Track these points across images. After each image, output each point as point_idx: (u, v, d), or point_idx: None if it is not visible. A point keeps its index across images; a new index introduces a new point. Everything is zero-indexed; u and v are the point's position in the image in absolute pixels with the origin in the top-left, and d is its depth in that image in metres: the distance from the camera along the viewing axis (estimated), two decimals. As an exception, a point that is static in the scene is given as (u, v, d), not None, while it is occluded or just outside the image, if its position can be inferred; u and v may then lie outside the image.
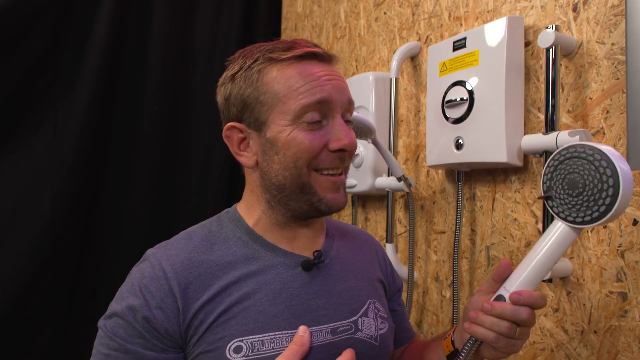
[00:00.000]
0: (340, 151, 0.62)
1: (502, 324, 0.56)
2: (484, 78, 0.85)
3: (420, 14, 1.11)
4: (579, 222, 0.53)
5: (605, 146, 0.51)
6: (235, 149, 0.65)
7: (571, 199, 0.53)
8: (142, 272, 0.61)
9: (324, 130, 0.62)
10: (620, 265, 0.70)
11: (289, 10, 1.75)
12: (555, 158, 0.55)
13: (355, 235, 0.78)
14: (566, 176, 0.54)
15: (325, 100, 0.61)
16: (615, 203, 0.49)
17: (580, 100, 0.76)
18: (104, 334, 0.59)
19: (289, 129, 0.61)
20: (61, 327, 1.30)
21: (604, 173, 0.50)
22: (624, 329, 0.69)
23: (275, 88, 0.61)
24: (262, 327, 0.58)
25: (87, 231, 1.36)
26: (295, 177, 0.61)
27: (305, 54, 0.62)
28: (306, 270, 0.64)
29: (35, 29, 1.29)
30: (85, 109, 1.34)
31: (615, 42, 0.72)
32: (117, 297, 0.61)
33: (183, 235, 0.65)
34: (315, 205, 0.63)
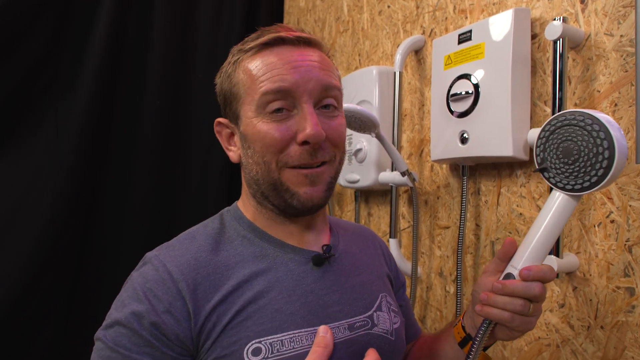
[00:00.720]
0: (306, 144, 0.57)
1: (516, 302, 0.54)
2: (490, 71, 0.84)
3: (425, 6, 1.10)
4: (578, 189, 0.53)
5: (596, 111, 0.52)
6: (225, 144, 0.65)
7: (567, 167, 0.53)
8: (145, 276, 0.56)
9: (293, 120, 0.58)
10: (628, 260, 0.69)
11: (291, 5, 1.74)
12: (546, 129, 0.55)
13: (358, 232, 0.76)
14: (560, 145, 0.54)
15: (287, 88, 0.57)
16: (612, 166, 0.50)
17: (587, 93, 0.75)
18: (104, 346, 0.54)
19: (255, 120, 0.58)
20: (61, 327, 1.30)
21: (598, 137, 0.50)
22: (631, 324, 0.69)
23: (243, 79, 0.59)
24: (280, 326, 0.55)
25: (87, 231, 1.36)
26: (266, 172, 0.59)
27: (272, 40, 0.59)
28: (317, 266, 0.62)
29: (35, 28, 1.28)
30: (85, 109, 1.33)
31: (624, 34, 0.71)
32: (116, 305, 0.57)
33: (185, 235, 0.62)
34: (289, 201, 0.59)
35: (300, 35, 0.60)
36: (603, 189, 0.56)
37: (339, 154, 0.62)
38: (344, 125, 0.63)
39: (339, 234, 0.70)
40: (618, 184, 0.71)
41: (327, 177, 0.60)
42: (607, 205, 0.72)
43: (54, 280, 1.28)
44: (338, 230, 0.71)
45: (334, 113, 0.61)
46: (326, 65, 0.61)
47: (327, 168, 0.60)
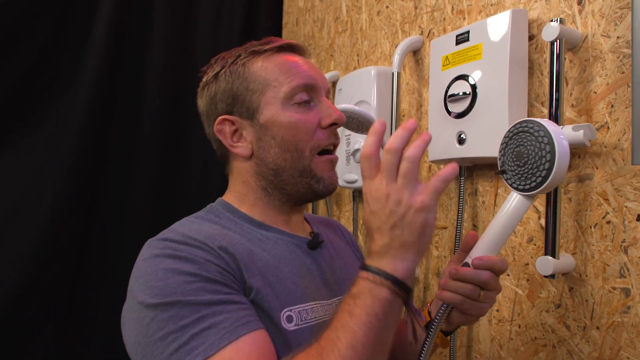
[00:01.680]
0: (333, 125, 0.66)
1: (466, 286, 0.61)
2: (487, 72, 0.84)
3: (423, 7, 1.10)
4: (527, 189, 0.59)
5: (548, 121, 0.58)
6: (229, 142, 0.67)
7: (519, 169, 0.60)
8: (175, 248, 0.55)
9: (314, 110, 0.66)
10: (624, 261, 0.70)
11: (290, 5, 1.74)
12: (506, 135, 0.62)
13: (326, 221, 0.84)
14: (515, 149, 0.61)
15: (312, 83, 0.66)
16: (553, 169, 0.56)
17: (584, 94, 0.76)
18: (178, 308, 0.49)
19: (281, 111, 0.64)
20: (61, 327, 1.30)
21: (542, 142, 0.57)
22: (627, 325, 0.69)
23: (264, 75, 0.65)
24: (301, 297, 0.61)
25: (87, 231, 1.36)
26: (296, 159, 0.64)
27: (285, 46, 0.68)
28: (311, 249, 0.68)
29: (35, 28, 1.28)
30: (85, 109, 1.33)
31: (620, 36, 0.71)
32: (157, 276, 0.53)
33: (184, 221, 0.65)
34: (314, 187, 0.65)
35: (302, 45, 0.71)
36: (549, 190, 0.62)
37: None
38: None
39: (314, 224, 0.77)
40: (614, 185, 0.71)
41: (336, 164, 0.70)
42: (604, 206, 0.72)
43: (54, 280, 1.28)
44: (312, 221, 0.78)
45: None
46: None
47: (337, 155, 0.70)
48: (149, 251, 0.57)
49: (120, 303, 0.61)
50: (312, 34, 1.59)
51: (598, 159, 0.73)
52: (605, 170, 0.72)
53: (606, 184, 0.72)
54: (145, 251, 0.58)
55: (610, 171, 0.71)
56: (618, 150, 0.71)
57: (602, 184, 0.73)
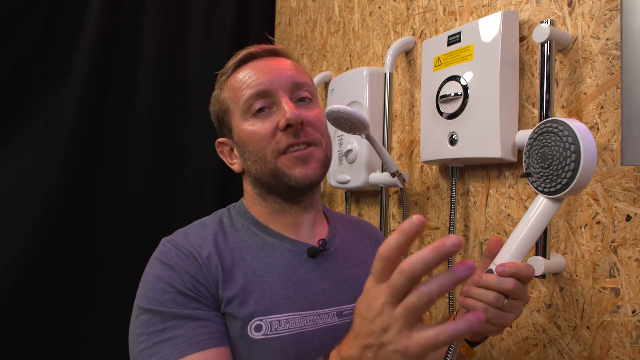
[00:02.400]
0: (289, 127, 0.66)
1: (490, 294, 0.58)
2: (479, 73, 0.85)
3: (415, 8, 1.10)
4: (552, 191, 0.57)
5: (573, 120, 0.55)
6: (228, 161, 0.74)
7: (544, 171, 0.58)
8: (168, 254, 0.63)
9: (272, 115, 0.67)
10: (613, 261, 0.70)
11: (282, 5, 1.74)
12: (531, 136, 0.60)
13: (357, 225, 0.83)
14: (539, 150, 0.58)
15: (264, 89, 0.67)
16: (579, 170, 0.53)
17: (574, 95, 0.76)
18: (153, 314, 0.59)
19: (244, 125, 0.68)
20: (53, 329, 1.28)
21: (567, 142, 0.54)
22: (617, 324, 0.69)
23: (228, 94, 0.70)
24: (278, 308, 0.63)
25: (79, 230, 1.34)
26: (263, 166, 0.67)
27: (244, 57, 0.70)
28: (311, 257, 0.69)
29: (24, 25, 1.26)
30: (75, 108, 1.32)
31: (610, 37, 0.71)
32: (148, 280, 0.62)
33: (197, 223, 0.71)
34: (287, 183, 0.67)
35: (267, 47, 0.71)
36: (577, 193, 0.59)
37: (325, 139, 0.70)
38: (322, 115, 0.72)
39: (337, 229, 0.77)
40: (604, 185, 0.71)
41: (318, 155, 0.68)
42: (594, 207, 0.73)
43: (44, 281, 1.26)
44: (337, 225, 0.78)
45: (309, 105, 0.70)
46: (296, 67, 0.71)
47: (315, 149, 0.68)
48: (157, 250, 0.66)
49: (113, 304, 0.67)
50: (305, 34, 1.59)
51: (588, 160, 0.74)
52: (595, 171, 0.73)
53: (596, 185, 0.73)
54: (156, 250, 0.66)
55: (600, 172, 0.72)
56: (608, 151, 0.71)
57: (592, 184, 0.73)
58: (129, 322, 0.62)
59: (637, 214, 0.67)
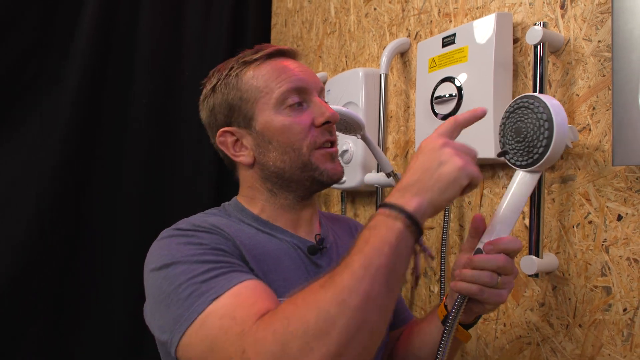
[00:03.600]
0: (326, 123, 0.68)
1: (483, 274, 0.58)
2: (473, 74, 0.86)
3: (410, 10, 1.11)
4: (527, 164, 0.59)
5: (545, 95, 0.58)
6: (231, 152, 0.71)
7: (518, 145, 0.60)
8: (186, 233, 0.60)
9: (307, 111, 0.69)
10: (605, 260, 0.71)
11: (279, 6, 1.75)
12: (504, 115, 0.62)
13: (343, 221, 0.85)
14: (514, 125, 0.60)
15: (302, 86, 0.68)
16: (551, 143, 0.56)
17: (567, 96, 0.77)
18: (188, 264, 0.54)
19: (275, 116, 0.67)
20: (49, 328, 1.28)
21: (541, 117, 0.57)
22: (608, 322, 0.70)
23: (255, 84, 0.68)
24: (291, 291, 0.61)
25: (76, 228, 1.34)
26: (295, 158, 0.67)
27: (274, 52, 0.70)
28: (312, 254, 0.70)
29: (19, 24, 1.26)
30: (71, 107, 1.32)
31: (601, 40, 0.72)
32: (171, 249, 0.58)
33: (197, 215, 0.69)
34: (317, 178, 0.68)
35: (292, 49, 0.73)
36: (551, 164, 0.60)
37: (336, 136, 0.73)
38: None
39: (327, 226, 0.78)
40: (596, 185, 0.72)
41: (338, 155, 0.73)
42: (586, 207, 0.74)
43: (40, 280, 1.26)
44: (326, 222, 0.79)
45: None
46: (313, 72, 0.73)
47: (337, 149, 0.72)
48: (161, 236, 0.63)
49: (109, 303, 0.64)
50: (301, 35, 1.59)
51: (580, 160, 0.75)
52: (587, 171, 0.74)
53: (588, 185, 0.74)
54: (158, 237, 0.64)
55: (592, 172, 0.73)
56: (599, 152, 0.72)
57: (584, 184, 0.74)
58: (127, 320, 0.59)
59: (628, 214, 0.68)
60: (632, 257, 0.68)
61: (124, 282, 1.33)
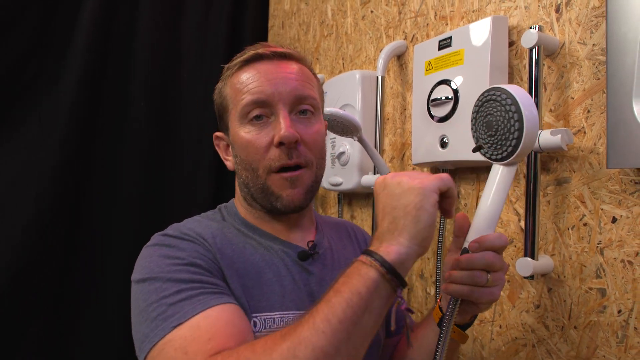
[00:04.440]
0: (282, 144, 0.63)
1: (472, 274, 0.57)
2: (469, 77, 0.86)
3: (407, 12, 1.11)
4: (502, 157, 0.58)
5: (511, 86, 0.57)
6: (223, 155, 0.73)
7: (491, 139, 0.59)
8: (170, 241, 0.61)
9: (270, 126, 0.65)
10: (600, 262, 0.72)
11: (276, 8, 1.75)
12: (474, 109, 0.61)
13: (341, 226, 0.83)
14: (484, 119, 0.60)
15: (263, 99, 0.64)
16: (522, 133, 0.55)
17: (562, 99, 0.78)
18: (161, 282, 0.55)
19: (239, 129, 0.66)
20: (47, 328, 1.28)
21: (510, 110, 0.56)
22: (603, 324, 0.71)
23: (229, 92, 0.68)
24: (273, 305, 0.62)
25: (75, 228, 1.34)
26: (254, 178, 0.65)
27: (251, 57, 0.67)
28: (302, 260, 0.69)
29: (18, 25, 1.26)
30: (69, 108, 1.32)
31: (596, 43, 0.73)
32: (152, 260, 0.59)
33: (190, 219, 0.69)
34: (274, 204, 0.66)
35: (276, 50, 0.67)
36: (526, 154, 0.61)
37: (316, 160, 0.67)
38: (320, 133, 0.69)
39: (324, 231, 0.77)
40: (590, 188, 0.73)
41: (306, 180, 0.66)
42: (580, 209, 0.74)
43: (39, 281, 1.26)
44: (324, 228, 0.78)
45: (310, 120, 0.67)
46: (303, 76, 0.67)
47: (305, 172, 0.66)
48: (150, 242, 0.64)
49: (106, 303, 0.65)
50: (298, 37, 1.60)
51: (575, 163, 0.75)
52: (582, 174, 0.74)
53: (583, 187, 0.74)
54: (148, 242, 0.65)
55: (587, 175, 0.74)
56: (594, 155, 0.73)
57: (579, 187, 0.75)
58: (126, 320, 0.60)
59: (622, 216, 0.69)
60: (626, 259, 0.68)
61: (123, 282, 1.31)
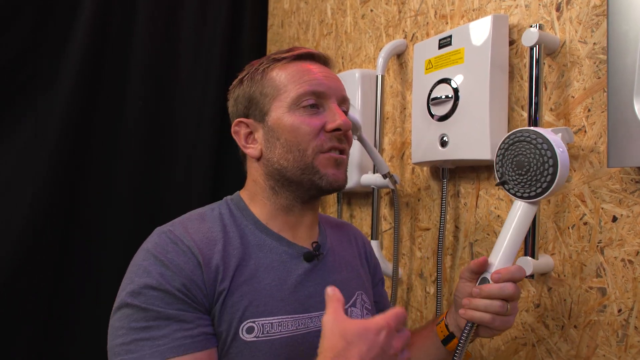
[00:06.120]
0: (336, 130, 0.67)
1: (495, 303, 0.61)
2: (469, 76, 0.86)
3: (407, 11, 1.11)
4: (532, 196, 0.61)
5: (543, 129, 0.61)
6: (242, 142, 0.72)
7: (521, 177, 0.62)
8: (165, 247, 0.61)
9: (321, 115, 0.68)
10: (600, 261, 0.71)
11: (275, 7, 1.74)
12: (501, 147, 0.64)
13: (344, 229, 0.83)
14: (514, 159, 0.63)
15: (320, 90, 0.68)
16: (556, 176, 0.59)
17: (562, 98, 0.77)
18: (135, 309, 0.58)
19: (287, 114, 0.67)
20: (41, 329, 1.27)
21: (545, 154, 0.59)
22: (603, 323, 0.71)
23: (277, 81, 0.69)
24: (271, 310, 0.63)
25: (70, 228, 1.33)
26: (299, 158, 0.67)
27: (304, 54, 0.71)
28: (308, 261, 0.69)
29: (13, 25, 1.25)
30: (65, 110, 1.30)
31: (597, 42, 0.73)
32: (137, 273, 0.60)
33: (195, 215, 0.68)
34: (316, 182, 0.67)
35: (323, 54, 0.73)
36: (552, 195, 0.64)
37: (348, 150, 0.72)
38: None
39: (326, 231, 0.77)
40: (591, 187, 0.73)
41: (346, 164, 0.71)
42: (581, 208, 0.74)
43: (33, 281, 1.25)
44: (326, 227, 0.78)
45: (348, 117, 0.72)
46: (342, 82, 0.73)
47: (346, 159, 0.71)
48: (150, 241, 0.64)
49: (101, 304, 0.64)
50: (297, 36, 1.59)
51: (575, 162, 0.75)
52: (583, 173, 0.74)
53: (583, 186, 0.74)
54: (148, 239, 0.65)
55: (587, 174, 0.73)
56: (594, 153, 0.73)
57: (579, 186, 0.75)
58: None
59: (622, 215, 0.69)
60: (626, 259, 0.68)
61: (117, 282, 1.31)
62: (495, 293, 0.61)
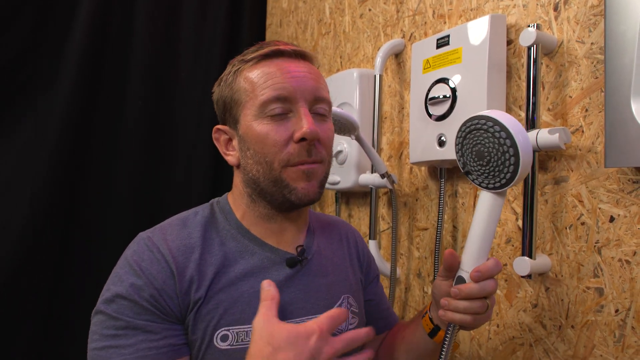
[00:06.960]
0: (303, 140, 0.62)
1: (475, 303, 0.59)
2: (467, 75, 0.86)
3: (405, 11, 1.11)
4: (493, 187, 0.58)
5: (497, 113, 0.56)
6: (223, 150, 0.70)
7: (483, 168, 0.58)
8: (140, 255, 0.62)
9: (290, 122, 0.63)
10: (597, 261, 0.71)
11: (274, 6, 1.74)
12: (458, 135, 0.60)
13: (335, 228, 0.81)
14: (473, 148, 0.59)
15: (286, 96, 0.63)
16: (519, 167, 0.55)
17: (560, 98, 0.77)
18: (107, 317, 0.59)
19: (255, 123, 0.64)
20: (41, 328, 1.27)
21: (502, 139, 0.55)
22: (600, 323, 0.71)
23: (244, 86, 0.65)
24: (248, 318, 0.61)
25: (70, 227, 1.34)
26: (267, 171, 0.64)
27: (272, 52, 0.65)
28: (290, 267, 0.67)
29: (14, 22, 1.25)
30: (64, 110, 1.31)
31: (594, 42, 0.73)
32: (114, 281, 0.61)
33: (177, 221, 0.67)
34: (287, 196, 0.64)
35: (296, 48, 0.67)
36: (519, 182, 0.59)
37: (328, 157, 0.68)
38: (332, 131, 0.69)
39: (315, 234, 0.75)
40: (588, 187, 0.73)
41: (320, 174, 0.66)
42: (578, 208, 0.74)
43: (33, 281, 1.25)
44: (315, 229, 0.76)
45: (324, 120, 0.67)
46: (319, 77, 0.68)
47: (320, 167, 0.66)
48: (130, 247, 0.64)
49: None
50: (296, 35, 1.59)
51: (573, 162, 0.75)
52: (580, 173, 0.74)
53: (581, 186, 0.74)
54: (130, 244, 0.65)
55: (585, 174, 0.73)
56: (592, 153, 0.72)
57: (576, 186, 0.74)
58: None
59: (620, 215, 0.69)
60: (624, 259, 0.68)
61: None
62: (475, 293, 0.59)
